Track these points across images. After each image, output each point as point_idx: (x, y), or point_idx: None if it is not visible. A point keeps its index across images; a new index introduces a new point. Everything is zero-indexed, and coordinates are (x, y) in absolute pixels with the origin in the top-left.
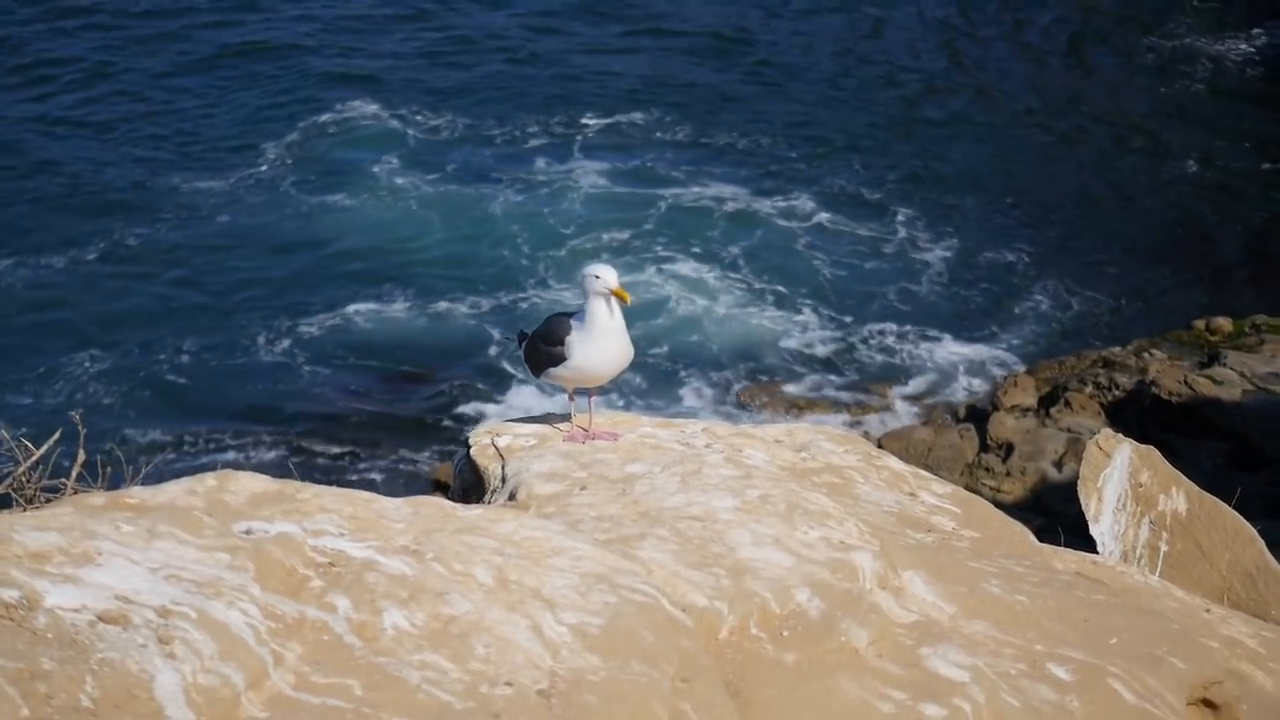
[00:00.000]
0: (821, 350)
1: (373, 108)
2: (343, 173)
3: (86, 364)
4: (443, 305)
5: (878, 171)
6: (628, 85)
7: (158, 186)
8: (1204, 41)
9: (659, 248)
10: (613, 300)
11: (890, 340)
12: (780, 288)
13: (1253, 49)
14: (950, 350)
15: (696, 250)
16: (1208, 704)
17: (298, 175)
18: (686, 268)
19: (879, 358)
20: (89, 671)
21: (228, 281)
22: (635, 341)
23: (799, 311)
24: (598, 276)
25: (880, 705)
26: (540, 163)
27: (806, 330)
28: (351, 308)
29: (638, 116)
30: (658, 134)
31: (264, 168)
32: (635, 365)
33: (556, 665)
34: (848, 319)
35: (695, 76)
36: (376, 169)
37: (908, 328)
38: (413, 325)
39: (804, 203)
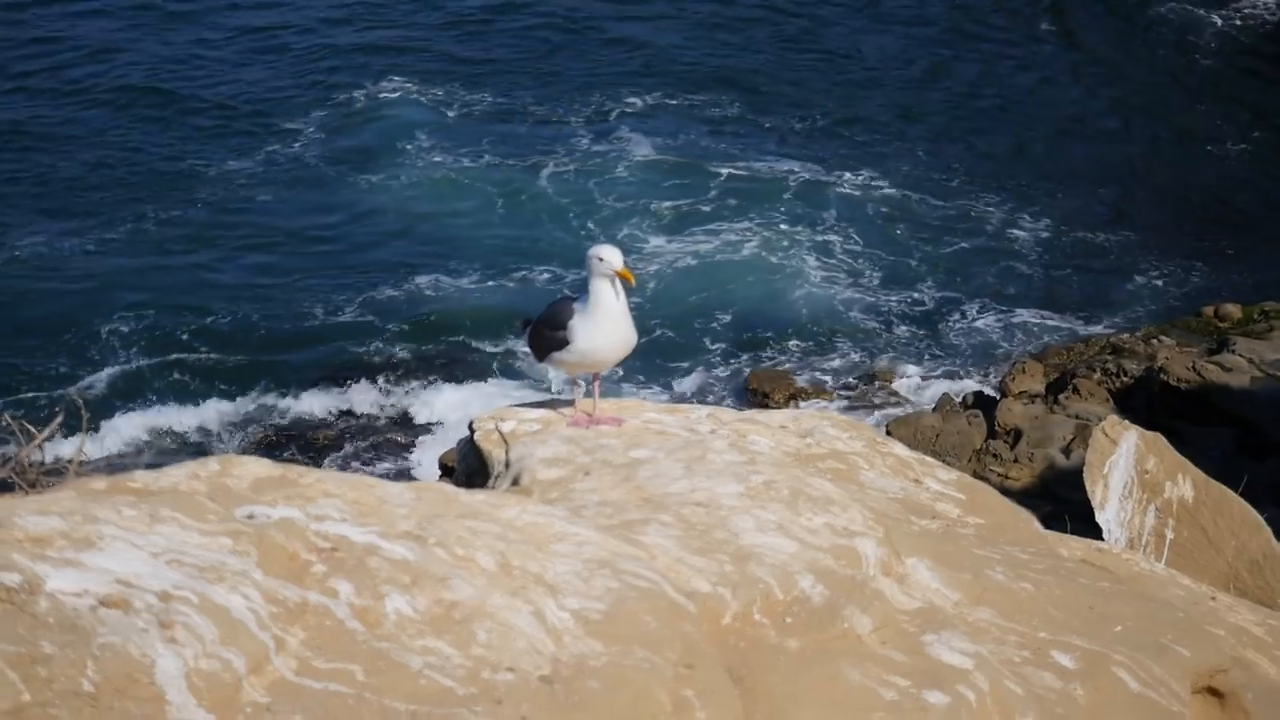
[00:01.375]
0: (829, 336)
1: (408, 83)
2: (376, 151)
3: (91, 348)
4: (475, 284)
5: (888, 155)
6: (672, 59)
7: (185, 167)
8: (1211, 14)
9: (689, 225)
10: (617, 282)
11: (897, 326)
12: (788, 273)
13: (1268, 23)
14: (957, 336)
15: (714, 227)
16: (1213, 692)
17: (330, 154)
18: (707, 246)
19: (886, 344)
20: (90, 656)
21: (246, 264)
22: (647, 322)
23: (805, 297)
24: (601, 258)
25: (883, 692)
26: (579, 139)
27: (814, 315)
28: (379, 289)
29: (681, 91)
30: (699, 109)
31: (296, 146)
32: (644, 346)
33: (559, 651)
34: (853, 306)
35: (738, 50)
36: (410, 146)
37: (914, 314)
38: (434, 305)
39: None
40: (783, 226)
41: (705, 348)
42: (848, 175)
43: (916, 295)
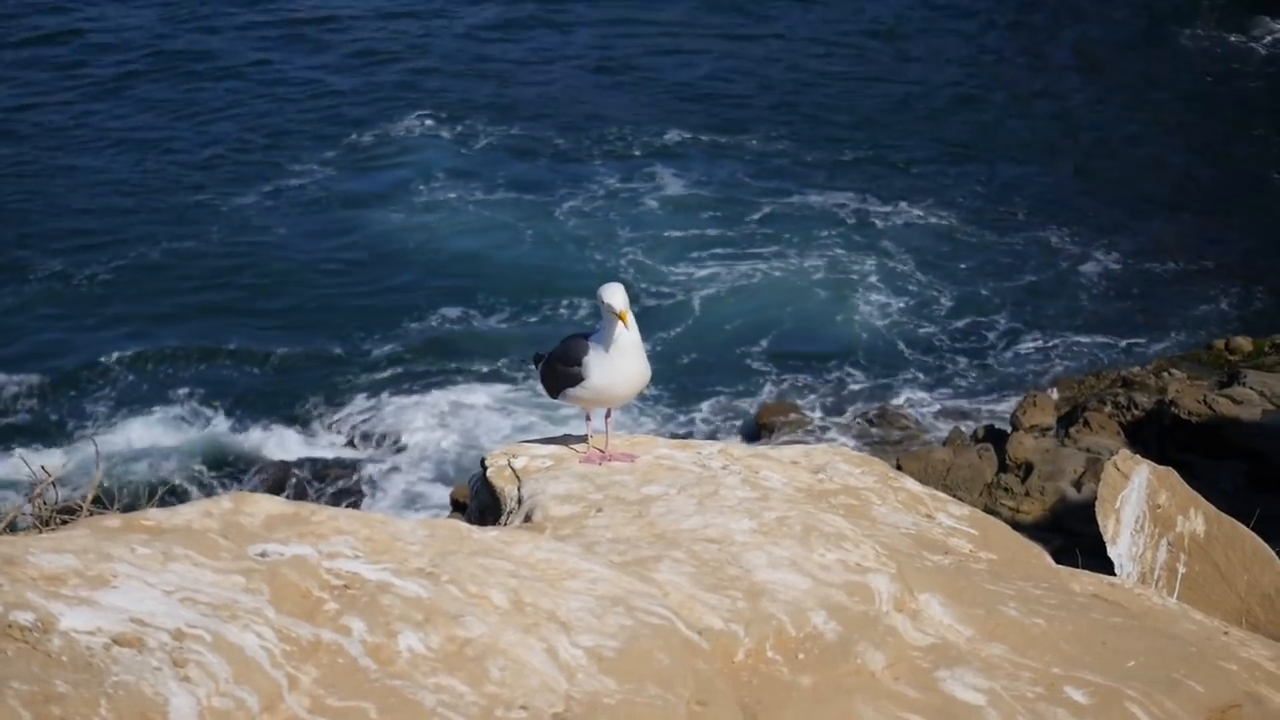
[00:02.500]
0: (839, 369)
1: (432, 119)
2: (399, 186)
3: (102, 384)
4: (498, 319)
5: (898, 191)
6: (701, 96)
7: (202, 200)
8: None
9: (705, 259)
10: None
11: (907, 359)
12: (796, 307)
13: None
14: (968, 369)
15: (721, 263)
16: None
17: (350, 189)
18: (714, 281)
19: (896, 377)
20: (103, 695)
21: (262, 298)
22: (659, 355)
23: (815, 331)
24: (603, 299)
25: None
26: (606, 174)
27: (824, 349)
28: (399, 324)
29: (706, 126)
30: (722, 144)
31: (318, 179)
32: (656, 380)
33: (572, 688)
34: (864, 342)
35: (763, 86)
36: (435, 181)
37: (923, 347)
38: (455, 340)
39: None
40: (791, 261)
41: (715, 381)
42: (857, 210)
43: (925, 329)
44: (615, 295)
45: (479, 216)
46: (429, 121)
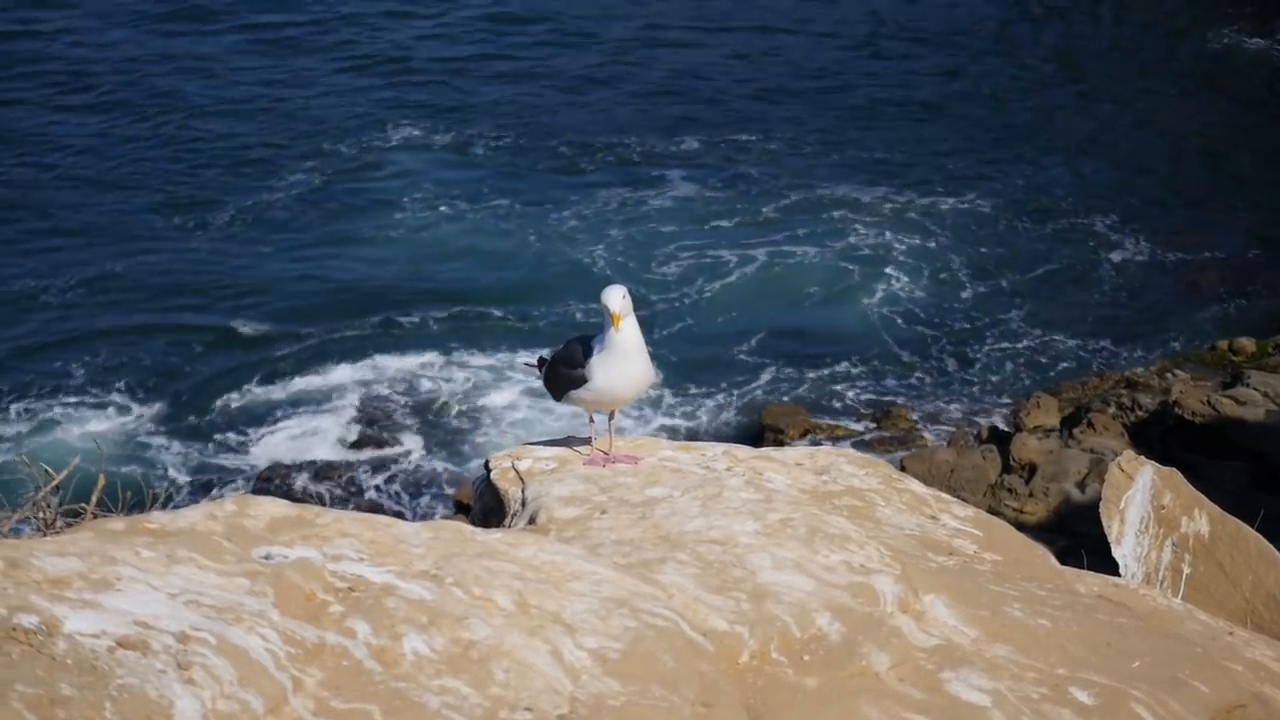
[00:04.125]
0: (843, 370)
1: (423, 127)
2: (386, 195)
3: (105, 390)
4: (499, 320)
5: (901, 192)
6: (703, 99)
7: (197, 204)
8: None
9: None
10: (631, 320)
11: (911, 361)
12: (802, 315)
13: None
14: (972, 371)
15: (721, 264)
16: None
17: (340, 194)
18: (716, 280)
19: (899, 378)
20: (108, 698)
21: (255, 305)
22: (662, 357)
23: (818, 333)
24: (601, 301)
25: None
26: (600, 177)
27: (828, 350)
28: (386, 332)
29: (708, 130)
30: (722, 145)
31: (311, 187)
32: (662, 381)
33: (577, 690)
34: (866, 343)
35: (758, 87)
36: (418, 190)
37: (927, 349)
38: (455, 342)
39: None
40: (795, 263)
41: (719, 383)
42: (860, 211)
43: (928, 330)
44: (610, 297)
45: (476, 220)
46: (418, 130)
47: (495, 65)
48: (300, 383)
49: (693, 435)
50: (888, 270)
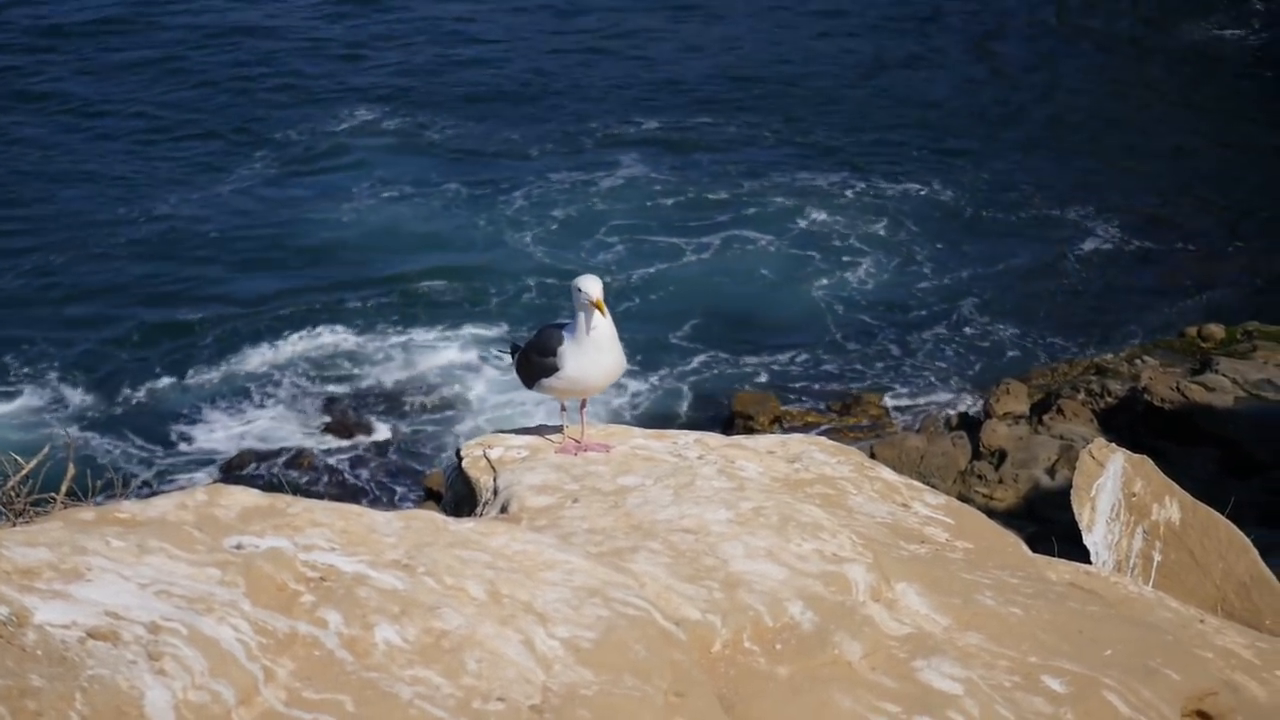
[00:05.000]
0: (813, 357)
1: (383, 111)
2: (338, 185)
3: (71, 376)
4: (445, 314)
5: (870, 177)
6: (665, 84)
7: (154, 193)
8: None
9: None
10: (595, 312)
11: (880, 348)
12: (770, 301)
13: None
14: (941, 357)
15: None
16: (1202, 715)
17: (301, 181)
18: (687, 268)
19: (869, 365)
20: (79, 689)
21: (220, 293)
22: (632, 345)
23: (787, 319)
24: (580, 289)
25: (874, 719)
26: (565, 163)
27: (797, 337)
28: (349, 319)
29: (672, 114)
30: (691, 130)
31: (269, 172)
32: (632, 370)
33: (549, 680)
34: (836, 329)
35: (717, 75)
36: (371, 181)
37: (897, 336)
38: (408, 336)
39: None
40: (762, 250)
41: (689, 371)
42: (826, 197)
43: (897, 317)
44: (592, 285)
45: (429, 205)
46: (372, 113)
47: (449, 50)
48: (269, 371)
49: (658, 423)
50: (857, 258)
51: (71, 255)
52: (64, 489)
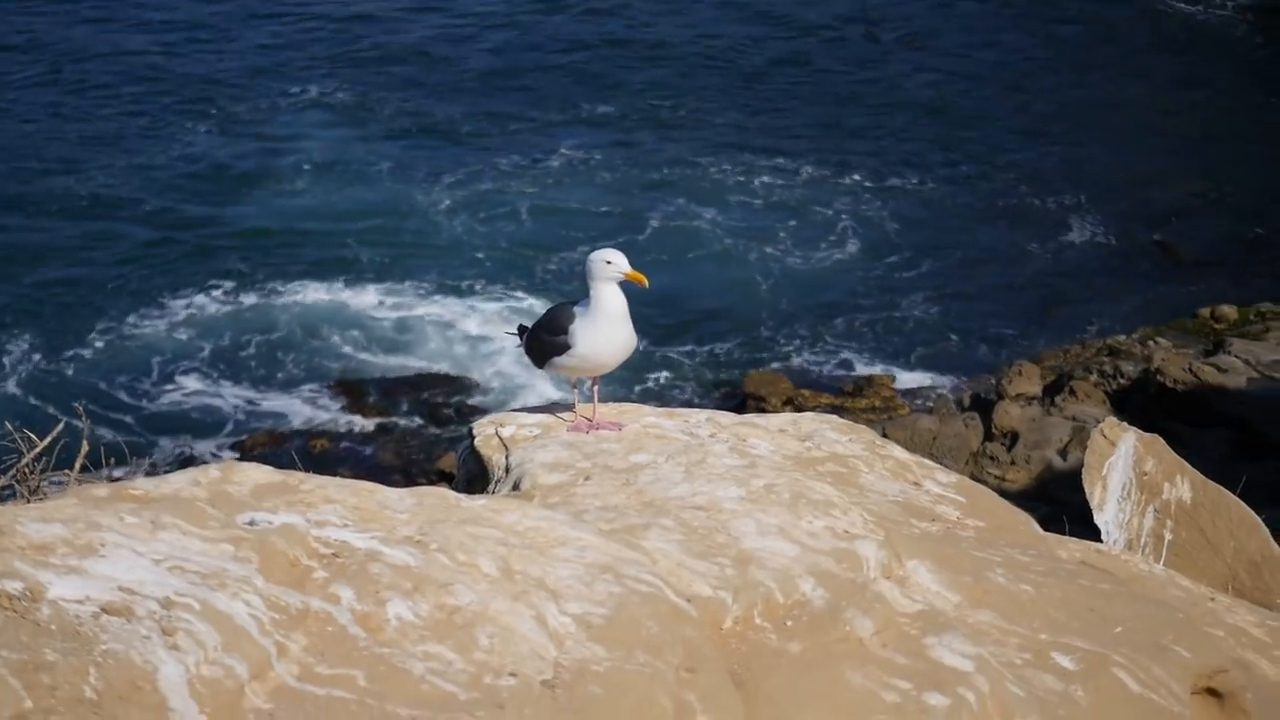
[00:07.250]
0: (825, 338)
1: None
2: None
3: (83, 355)
4: (447, 294)
5: (883, 162)
6: (625, 71)
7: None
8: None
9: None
10: (616, 287)
11: (894, 329)
12: (779, 280)
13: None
14: (954, 338)
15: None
16: (1213, 693)
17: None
18: (697, 248)
19: (882, 346)
20: (92, 663)
21: (229, 267)
22: (642, 324)
23: (801, 301)
24: (609, 262)
25: (885, 695)
26: (535, 149)
27: (811, 318)
28: (348, 296)
29: (645, 98)
30: (663, 115)
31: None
32: (641, 352)
33: (561, 656)
34: (849, 309)
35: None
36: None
37: (910, 317)
38: (414, 314)
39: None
40: (771, 230)
41: (701, 350)
42: (838, 178)
43: (910, 298)
44: (621, 258)
45: (379, 182)
46: (319, 88)
47: (400, 28)
48: (273, 348)
49: (673, 402)
50: (870, 239)
51: (17, 235)
52: (78, 465)
